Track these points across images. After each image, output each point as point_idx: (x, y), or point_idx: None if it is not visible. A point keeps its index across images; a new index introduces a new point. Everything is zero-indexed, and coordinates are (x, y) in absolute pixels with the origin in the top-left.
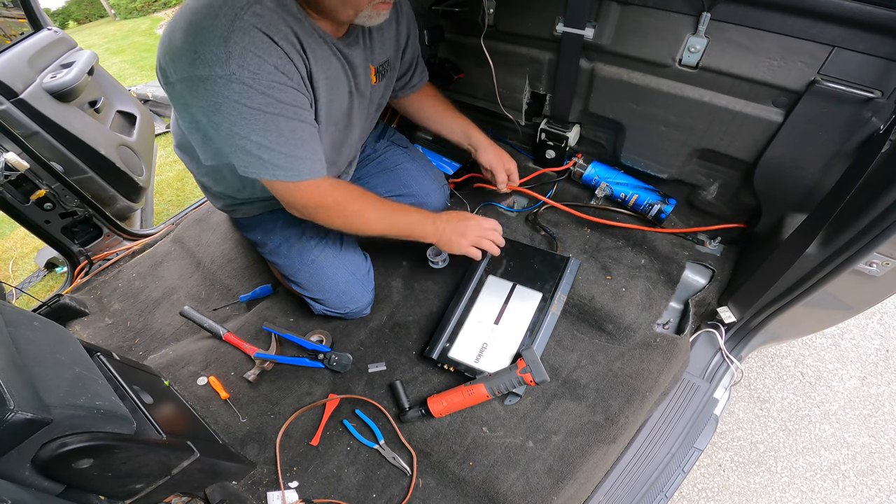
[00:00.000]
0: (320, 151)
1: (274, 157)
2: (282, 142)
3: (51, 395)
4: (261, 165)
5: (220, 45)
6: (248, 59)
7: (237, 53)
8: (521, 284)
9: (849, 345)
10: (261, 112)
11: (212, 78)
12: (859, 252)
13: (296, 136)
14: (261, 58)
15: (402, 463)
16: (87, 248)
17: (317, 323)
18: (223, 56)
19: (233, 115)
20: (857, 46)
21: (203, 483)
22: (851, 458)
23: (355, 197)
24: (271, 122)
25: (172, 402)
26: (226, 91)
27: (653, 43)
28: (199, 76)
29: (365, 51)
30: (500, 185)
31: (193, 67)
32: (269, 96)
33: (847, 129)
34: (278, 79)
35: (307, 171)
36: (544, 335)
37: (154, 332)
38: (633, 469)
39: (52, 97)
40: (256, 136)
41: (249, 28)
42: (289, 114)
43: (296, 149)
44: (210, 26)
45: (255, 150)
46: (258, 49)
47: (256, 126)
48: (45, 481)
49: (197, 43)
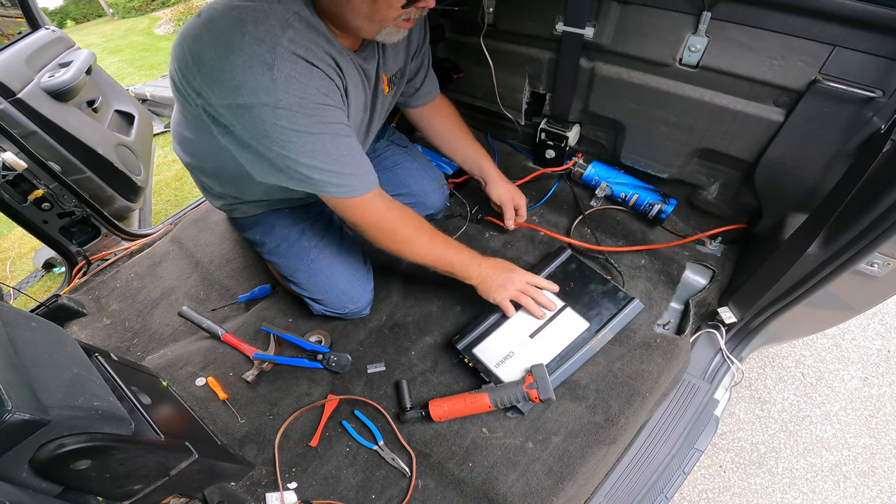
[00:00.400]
0: (368, 164)
1: (325, 175)
2: (330, 160)
3: (49, 396)
4: (313, 185)
5: (265, 73)
6: (292, 85)
7: (282, 80)
8: (573, 308)
9: (850, 345)
10: (308, 134)
11: (258, 106)
12: (860, 252)
13: (342, 153)
14: (303, 83)
15: (401, 464)
16: (85, 248)
17: (316, 323)
18: (269, 85)
19: (281, 140)
20: (858, 46)
21: (201, 484)
22: (853, 459)
23: (408, 222)
24: (318, 142)
25: (171, 403)
26: (273, 118)
27: (653, 42)
28: (243, 104)
29: (378, 62)
30: (508, 221)
31: (237, 95)
32: (315, 117)
33: (848, 128)
34: (321, 100)
35: (360, 187)
36: (573, 365)
37: (152, 333)
38: (634, 470)
39: (49, 97)
40: (306, 157)
41: (289, 55)
42: (334, 131)
43: (344, 166)
44: (250, 52)
45: (305, 172)
46: (301, 75)
47: (304, 148)
48: (43, 482)
49: (237, 71)
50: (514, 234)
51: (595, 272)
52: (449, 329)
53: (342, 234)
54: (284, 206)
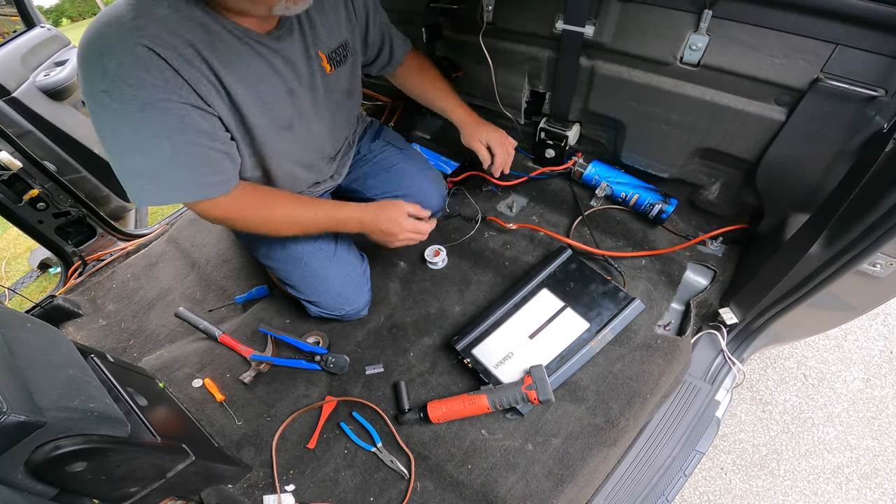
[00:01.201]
0: (211, 169)
1: (154, 179)
2: (165, 162)
3: (44, 398)
4: (140, 190)
5: (96, 61)
6: (124, 75)
7: (112, 69)
8: (573, 308)
9: (852, 346)
10: (137, 132)
11: (95, 94)
12: (863, 252)
13: (179, 155)
14: (138, 75)
15: (399, 466)
16: (81, 248)
17: (313, 324)
18: (99, 72)
19: (114, 136)
20: (860, 44)
21: (198, 486)
22: (855, 461)
23: (258, 205)
24: (151, 140)
25: (167, 405)
26: (105, 111)
27: (654, 41)
28: (85, 93)
29: (304, 40)
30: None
31: (83, 87)
32: (147, 113)
33: (850, 127)
34: (159, 94)
35: (197, 192)
36: (573, 366)
37: (149, 334)
38: (634, 472)
39: (45, 95)
40: (138, 157)
41: (129, 42)
42: (170, 130)
43: (182, 168)
44: (94, 42)
45: (139, 170)
46: (136, 64)
47: (136, 147)
48: (39, 485)
49: (84, 61)
50: (514, 233)
51: (595, 272)
52: (447, 330)
53: (336, 235)
54: None
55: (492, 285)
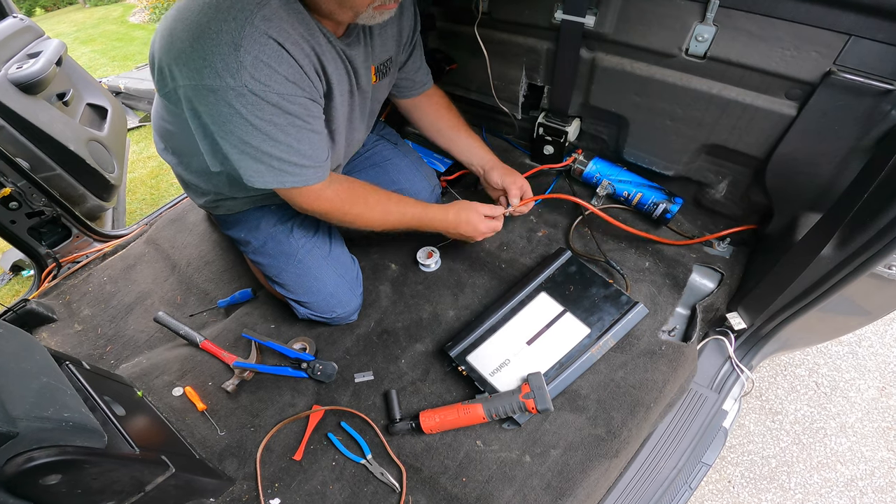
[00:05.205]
0: (326, 157)
1: (283, 166)
2: (291, 152)
3: (16, 407)
4: (270, 174)
5: (230, 53)
6: (258, 69)
7: (249, 63)
8: (573, 313)
9: (867, 353)
10: (271, 124)
11: (223, 89)
12: (878, 254)
13: (304, 145)
14: (272, 68)
15: (390, 479)
16: (56, 249)
17: (300, 330)
18: (234, 66)
19: (244, 127)
20: (875, 35)
21: (178, 500)
22: (869, 473)
23: (357, 200)
24: (281, 133)
25: (146, 414)
26: (237, 103)
27: (658, 31)
28: (208, 86)
29: (366, 49)
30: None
31: (202, 76)
32: (280, 108)
33: (865, 122)
34: (289, 90)
35: (313, 178)
36: (572, 373)
37: (126, 340)
38: (637, 485)
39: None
40: (267, 146)
41: (260, 35)
42: (298, 124)
43: (304, 158)
44: (218, 31)
45: (265, 160)
46: (269, 58)
47: (266, 137)
48: (11, 499)
49: (205, 49)
50: (512, 234)
51: (596, 275)
52: (441, 336)
53: (331, 233)
54: (271, 203)
55: (487, 289)
